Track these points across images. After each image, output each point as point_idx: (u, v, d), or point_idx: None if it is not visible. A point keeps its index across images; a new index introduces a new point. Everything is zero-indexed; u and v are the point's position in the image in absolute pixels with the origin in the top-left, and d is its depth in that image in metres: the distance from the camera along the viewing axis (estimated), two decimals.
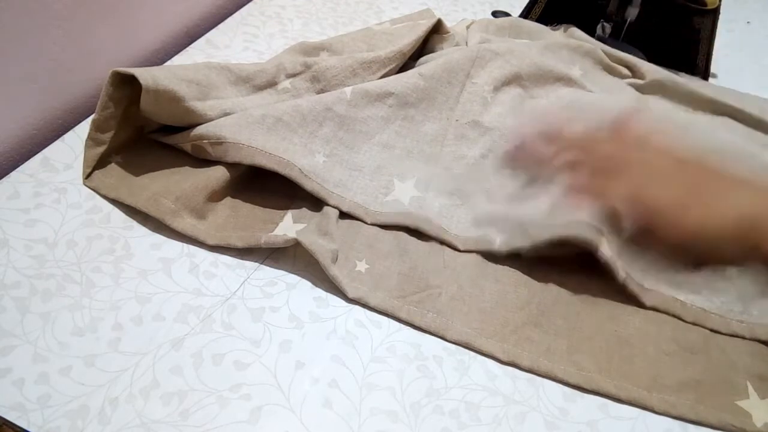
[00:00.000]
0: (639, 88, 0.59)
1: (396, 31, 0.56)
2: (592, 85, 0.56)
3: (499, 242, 0.44)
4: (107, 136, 0.44)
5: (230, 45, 0.62)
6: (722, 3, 0.64)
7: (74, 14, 0.50)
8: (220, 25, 0.65)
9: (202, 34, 0.63)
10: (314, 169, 0.44)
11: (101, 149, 0.44)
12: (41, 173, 0.46)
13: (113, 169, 0.45)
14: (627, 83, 0.59)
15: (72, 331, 0.37)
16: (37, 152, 0.48)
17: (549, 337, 0.40)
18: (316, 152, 0.46)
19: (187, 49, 0.61)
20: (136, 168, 0.45)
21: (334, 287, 0.41)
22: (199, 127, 0.44)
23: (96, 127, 0.43)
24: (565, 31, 0.65)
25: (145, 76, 0.41)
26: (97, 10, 0.52)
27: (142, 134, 0.47)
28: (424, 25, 0.54)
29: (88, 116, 0.51)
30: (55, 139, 0.49)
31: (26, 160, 0.47)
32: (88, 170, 0.44)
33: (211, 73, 0.46)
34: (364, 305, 0.40)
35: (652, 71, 0.59)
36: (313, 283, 0.42)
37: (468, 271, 0.43)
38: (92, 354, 0.36)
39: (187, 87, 0.43)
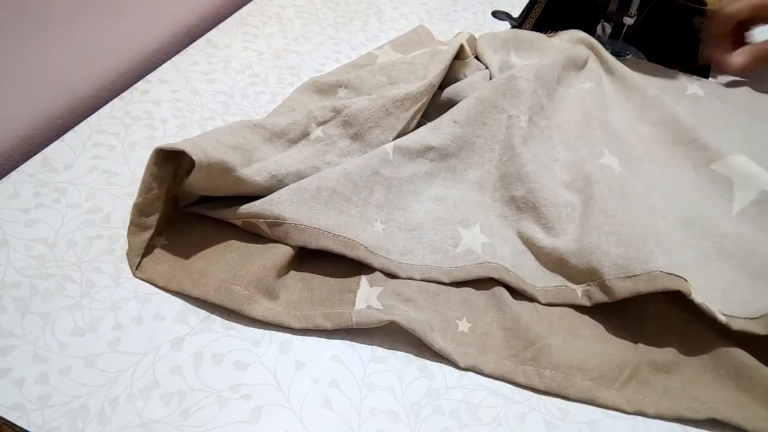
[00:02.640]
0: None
1: (415, 60, 0.54)
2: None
3: (580, 294, 0.42)
4: (152, 219, 0.40)
5: (230, 45, 0.62)
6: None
7: (74, 14, 0.50)
8: (220, 25, 0.65)
9: (202, 34, 0.63)
10: (377, 242, 0.42)
11: (147, 234, 0.40)
12: (41, 173, 0.46)
13: (161, 254, 0.41)
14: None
15: (72, 331, 0.37)
16: (37, 152, 0.48)
17: (662, 377, 0.39)
18: (374, 220, 0.44)
19: (187, 49, 0.61)
20: (185, 249, 0.41)
21: None
22: (252, 205, 0.41)
23: (140, 212, 0.39)
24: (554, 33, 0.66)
25: (195, 150, 0.37)
26: (97, 10, 0.52)
27: (177, 208, 0.44)
28: (448, 53, 0.53)
29: (88, 116, 0.52)
30: (55, 139, 0.49)
31: (26, 160, 0.47)
32: (137, 260, 0.40)
33: (246, 133, 0.43)
34: (478, 372, 0.38)
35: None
36: None
37: (564, 322, 0.41)
38: (92, 354, 0.36)
39: (233, 154, 0.40)
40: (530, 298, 0.42)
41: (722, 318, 0.39)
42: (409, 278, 0.42)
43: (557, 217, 0.45)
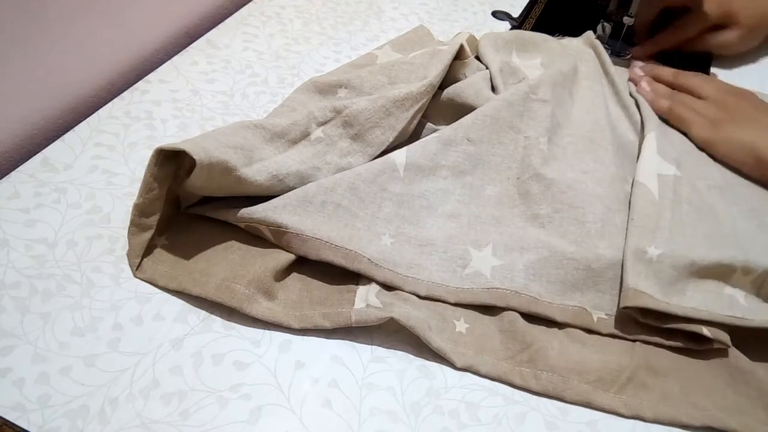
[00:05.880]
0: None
1: (415, 60, 0.54)
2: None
3: (596, 320, 0.41)
4: (153, 219, 0.40)
5: (230, 45, 0.62)
6: None
7: (74, 14, 0.50)
8: (220, 25, 0.65)
9: (202, 34, 0.63)
10: (383, 254, 0.42)
11: (148, 235, 0.40)
12: (41, 173, 0.46)
13: (162, 254, 0.41)
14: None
15: (72, 331, 0.37)
16: (37, 152, 0.48)
17: (660, 381, 0.39)
18: (382, 234, 0.43)
19: (188, 49, 0.61)
20: (185, 249, 0.41)
21: None
22: (255, 210, 0.41)
23: (140, 212, 0.39)
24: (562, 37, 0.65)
25: (196, 150, 0.37)
26: (97, 10, 0.52)
27: (178, 208, 0.44)
28: (448, 53, 0.53)
29: (88, 116, 0.52)
30: (55, 139, 0.49)
31: (26, 160, 0.47)
32: (137, 260, 0.40)
33: (247, 133, 0.43)
34: (475, 373, 0.38)
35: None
36: None
37: (561, 325, 0.41)
38: (92, 354, 0.36)
39: (234, 154, 0.40)
40: (542, 317, 0.41)
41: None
42: (414, 293, 0.41)
43: (586, 234, 0.44)
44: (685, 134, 0.54)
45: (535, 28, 0.68)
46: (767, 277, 0.43)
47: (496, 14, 0.74)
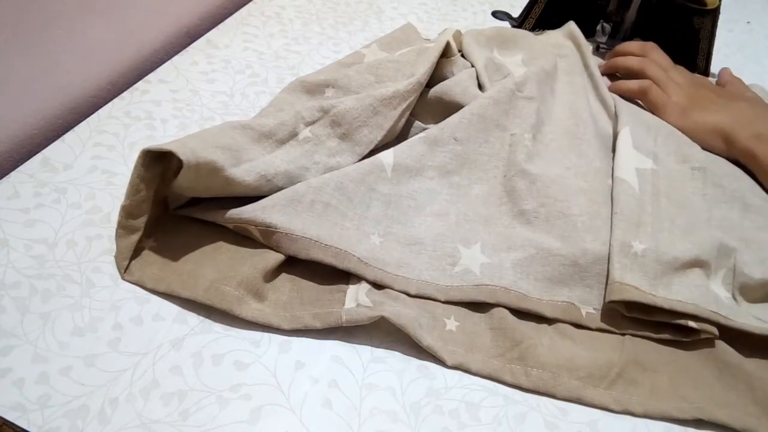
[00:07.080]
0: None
1: (401, 58, 0.54)
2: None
3: (585, 314, 0.42)
4: (140, 221, 0.39)
5: (230, 45, 0.62)
6: (722, 3, 0.65)
7: (74, 14, 0.50)
8: (220, 25, 0.65)
9: (202, 34, 0.63)
10: (372, 254, 0.42)
11: (135, 237, 0.40)
12: (41, 173, 0.46)
13: (150, 256, 0.41)
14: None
15: (72, 331, 0.37)
16: (37, 152, 0.48)
17: (650, 376, 0.39)
18: (371, 234, 0.43)
19: (188, 49, 0.61)
20: (174, 251, 0.41)
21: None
22: (243, 210, 0.41)
23: (127, 214, 0.39)
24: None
25: (183, 150, 0.37)
26: (97, 10, 0.52)
27: (167, 209, 0.43)
28: (435, 50, 0.53)
29: (89, 116, 0.52)
30: (55, 139, 0.49)
31: (26, 160, 0.47)
32: (125, 262, 0.40)
33: (235, 134, 0.43)
34: (465, 371, 0.38)
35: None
36: None
37: (551, 321, 0.41)
38: (92, 354, 0.36)
39: (222, 154, 0.40)
40: (532, 313, 0.41)
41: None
42: (404, 292, 0.41)
43: (573, 227, 0.44)
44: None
45: (535, 28, 0.68)
46: (740, 275, 0.43)
47: (496, 14, 0.74)
